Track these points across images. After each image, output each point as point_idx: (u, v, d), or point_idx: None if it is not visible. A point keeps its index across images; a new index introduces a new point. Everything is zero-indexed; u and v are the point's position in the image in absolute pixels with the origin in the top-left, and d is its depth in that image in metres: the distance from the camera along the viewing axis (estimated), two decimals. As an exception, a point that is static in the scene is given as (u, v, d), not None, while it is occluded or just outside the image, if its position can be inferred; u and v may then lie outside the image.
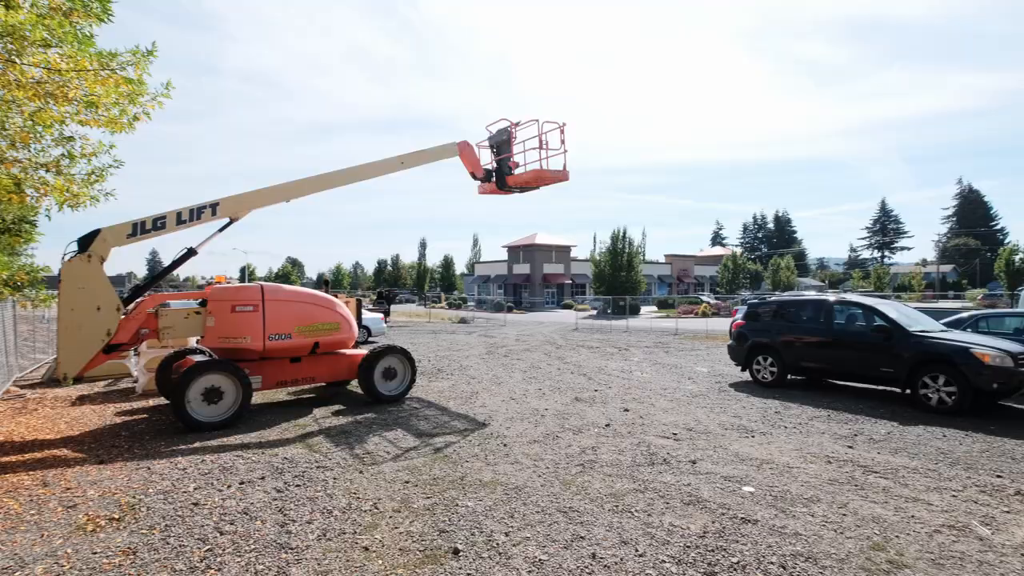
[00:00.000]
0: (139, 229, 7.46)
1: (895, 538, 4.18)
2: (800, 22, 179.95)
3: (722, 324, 25.00)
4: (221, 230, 8.39)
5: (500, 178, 10.63)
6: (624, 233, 46.25)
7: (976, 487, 5.26)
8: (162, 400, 9.06)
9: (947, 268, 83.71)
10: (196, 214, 7.87)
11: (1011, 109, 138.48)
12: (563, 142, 10.01)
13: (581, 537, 4.21)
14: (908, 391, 8.79)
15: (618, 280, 44.37)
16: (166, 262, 8.52)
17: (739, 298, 38.82)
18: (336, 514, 4.65)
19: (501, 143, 10.62)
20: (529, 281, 61.08)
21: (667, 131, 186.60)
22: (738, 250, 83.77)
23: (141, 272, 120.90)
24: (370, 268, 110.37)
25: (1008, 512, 4.69)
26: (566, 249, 63.50)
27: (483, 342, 20.10)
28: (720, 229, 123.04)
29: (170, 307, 8.05)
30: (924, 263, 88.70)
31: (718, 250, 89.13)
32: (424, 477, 5.53)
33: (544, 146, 9.99)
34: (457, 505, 4.82)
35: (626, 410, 8.61)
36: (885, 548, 4.02)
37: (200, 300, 8.32)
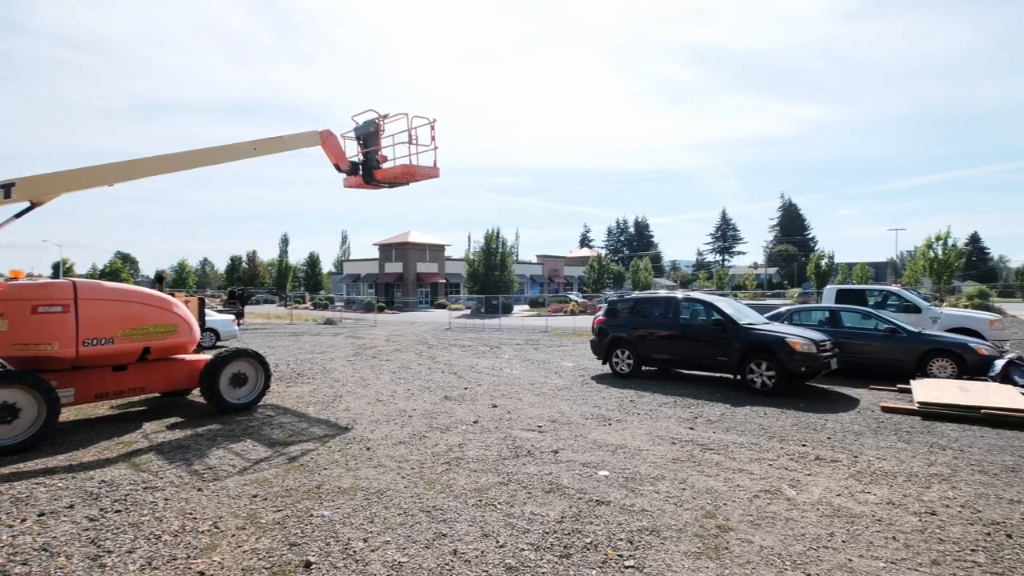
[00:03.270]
0: None
1: (723, 506, 4.68)
2: (659, 45, 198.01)
3: (589, 321, 26.48)
4: (18, 216, 7.01)
5: (367, 172, 10.20)
6: (498, 233, 47.30)
7: (787, 456, 6.09)
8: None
9: (773, 270, 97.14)
10: (-18, 196, 6.49)
11: (818, 136, 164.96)
12: (434, 138, 9.87)
13: (443, 535, 4.14)
14: (739, 376, 9.97)
15: (492, 279, 45.19)
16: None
17: (604, 297, 41.53)
18: (166, 539, 4.09)
19: (368, 135, 10.19)
20: (402, 280, 59.79)
21: (539, 135, 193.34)
22: (603, 252, 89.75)
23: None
24: (222, 265, 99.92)
25: (809, 475, 5.49)
26: (440, 248, 63.19)
27: (350, 343, 19.23)
28: (588, 232, 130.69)
29: (-55, 308, 6.55)
30: (755, 266, 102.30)
31: (585, 252, 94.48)
32: (275, 489, 5.09)
33: (414, 141, 9.78)
34: (311, 516, 4.50)
35: (494, 406, 8.72)
36: (715, 515, 4.48)
37: (-12, 300, 6.88)
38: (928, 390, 8.57)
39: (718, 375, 11.00)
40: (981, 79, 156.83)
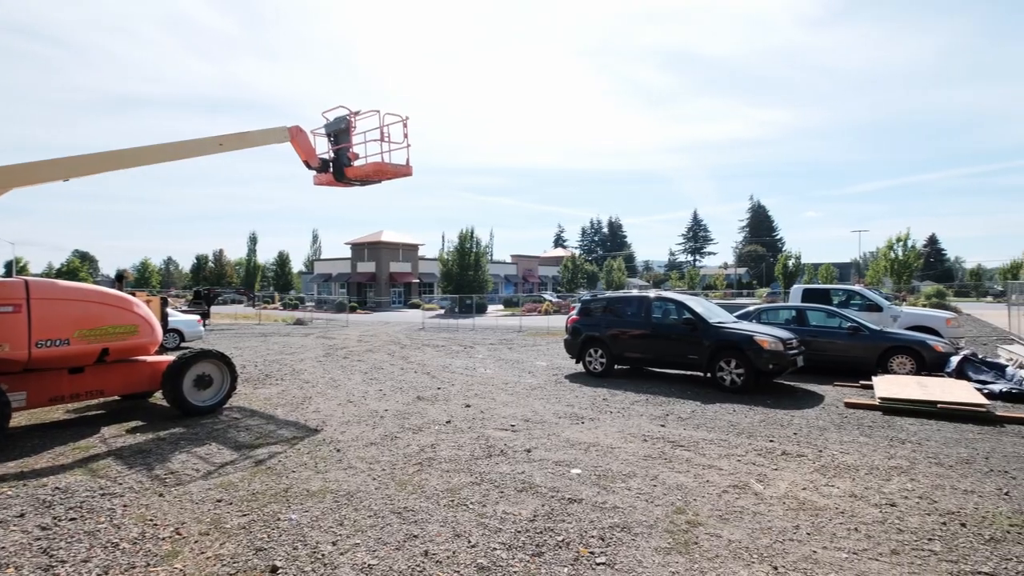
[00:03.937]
0: None
1: (693, 501, 4.74)
2: (634, 48, 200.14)
3: (562, 321, 26.58)
4: (-33, 211, 6.68)
5: (338, 169, 10.03)
6: (472, 233, 47.14)
7: (755, 451, 6.21)
8: None
9: (742, 270, 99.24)
10: (-74, 189, 6.16)
11: (786, 140, 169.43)
12: (406, 136, 9.78)
13: (414, 536, 4.09)
14: (709, 374, 10.13)
15: (466, 279, 45.02)
16: None
17: (577, 296, 41.78)
18: (124, 547, 3.94)
19: (339, 132, 10.03)
20: (375, 280, 59.10)
21: (514, 135, 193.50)
22: (577, 252, 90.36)
23: None
24: (187, 264, 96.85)
25: (776, 469, 5.60)
26: (414, 248, 62.69)
27: (321, 344, 18.91)
28: (562, 232, 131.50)
29: None
30: (726, 266, 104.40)
31: (560, 251, 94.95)
32: (241, 493, 4.96)
33: (386, 139, 9.66)
34: (278, 519, 4.39)
35: (468, 406, 8.67)
36: (685, 511, 4.54)
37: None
38: (889, 386, 8.85)
39: (689, 373, 11.15)
40: (941, 87, 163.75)
